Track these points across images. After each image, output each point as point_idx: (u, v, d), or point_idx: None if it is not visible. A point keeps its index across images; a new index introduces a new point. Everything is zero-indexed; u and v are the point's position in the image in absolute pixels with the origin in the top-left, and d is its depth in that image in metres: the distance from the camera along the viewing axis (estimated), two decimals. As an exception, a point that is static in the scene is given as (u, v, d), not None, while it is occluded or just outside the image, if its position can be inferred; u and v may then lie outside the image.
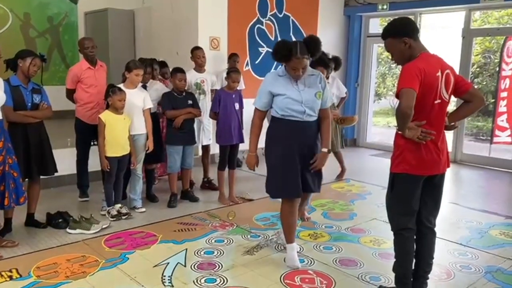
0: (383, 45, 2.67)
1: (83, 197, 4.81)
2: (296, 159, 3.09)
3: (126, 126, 4.20)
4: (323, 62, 4.78)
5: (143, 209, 4.46)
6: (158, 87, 4.84)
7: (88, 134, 4.64)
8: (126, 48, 7.59)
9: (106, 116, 4.09)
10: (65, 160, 4.65)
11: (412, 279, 2.70)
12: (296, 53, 2.94)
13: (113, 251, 3.45)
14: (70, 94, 4.70)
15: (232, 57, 6.22)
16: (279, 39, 7.40)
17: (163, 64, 5.40)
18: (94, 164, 4.75)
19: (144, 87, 4.60)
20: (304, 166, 3.14)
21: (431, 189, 2.64)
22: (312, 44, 3.03)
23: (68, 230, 3.84)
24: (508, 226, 4.30)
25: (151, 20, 7.33)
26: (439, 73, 2.49)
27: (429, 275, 2.75)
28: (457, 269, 3.28)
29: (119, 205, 4.27)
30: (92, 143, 4.72)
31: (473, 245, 3.78)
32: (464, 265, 3.37)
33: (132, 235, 3.80)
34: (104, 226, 3.90)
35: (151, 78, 4.81)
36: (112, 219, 4.12)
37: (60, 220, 3.95)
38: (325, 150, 3.18)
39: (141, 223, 4.10)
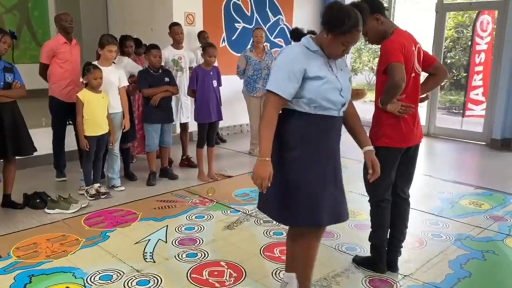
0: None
1: (60, 177, 4.76)
2: (328, 173, 2.22)
3: (105, 104, 4.15)
4: None
5: (122, 188, 4.46)
6: (127, 64, 4.77)
7: (64, 113, 4.57)
8: (99, 25, 7.42)
9: (84, 94, 4.03)
10: (40, 140, 4.54)
11: (386, 248, 2.82)
12: (358, 24, 2.05)
13: (93, 230, 3.46)
14: (44, 69, 4.56)
15: (202, 34, 6.19)
16: (255, 14, 7.39)
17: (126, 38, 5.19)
18: (70, 143, 4.70)
19: (113, 63, 4.52)
20: (335, 182, 2.27)
21: (406, 161, 2.73)
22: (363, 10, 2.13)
23: (46, 210, 3.81)
24: (477, 196, 4.48)
25: (124, -5, 7.16)
26: (414, 48, 2.57)
27: (403, 244, 2.88)
28: (429, 238, 3.43)
29: (98, 184, 4.25)
30: (68, 123, 4.66)
31: (444, 214, 3.94)
32: (435, 233, 3.51)
33: (112, 214, 3.81)
34: (83, 206, 3.89)
35: (121, 54, 4.72)
36: (91, 199, 4.11)
37: (38, 201, 3.92)
38: (371, 148, 2.34)
39: (121, 202, 4.11)
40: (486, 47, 7.48)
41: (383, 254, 2.83)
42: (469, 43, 8.98)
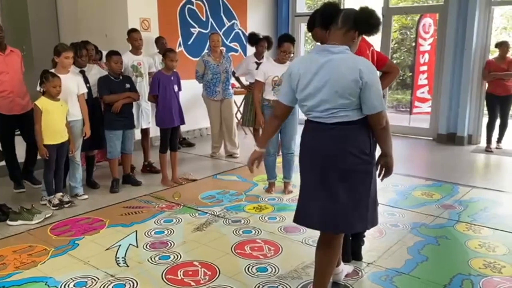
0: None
1: (18, 189, 4.63)
2: None
3: (64, 112, 4.10)
4: (293, 39, 4.39)
5: (86, 196, 4.41)
6: (96, 72, 4.73)
7: (8, 125, 4.42)
8: (49, 33, 7.17)
9: (43, 102, 3.96)
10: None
11: (351, 238, 3.00)
12: None
13: (61, 239, 3.43)
14: None
15: (160, 40, 6.22)
16: (210, 19, 7.49)
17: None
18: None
19: (83, 72, 4.49)
20: None
21: None
22: None
23: (8, 222, 3.72)
24: (428, 187, 4.80)
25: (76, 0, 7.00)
26: (368, 51, 2.77)
27: (365, 234, 3.08)
28: (388, 228, 3.66)
29: (61, 193, 4.19)
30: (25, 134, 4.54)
31: (400, 205, 4.20)
32: (393, 223, 3.75)
33: (78, 222, 3.78)
34: (47, 216, 3.83)
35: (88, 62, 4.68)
36: (54, 208, 4.04)
37: (-2, 213, 3.82)
38: None
39: (86, 210, 4.07)
40: (429, 48, 7.97)
41: (348, 244, 3.01)
42: (413, 44, 9.50)
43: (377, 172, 2.40)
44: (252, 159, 2.50)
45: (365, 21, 2.23)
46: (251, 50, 6.64)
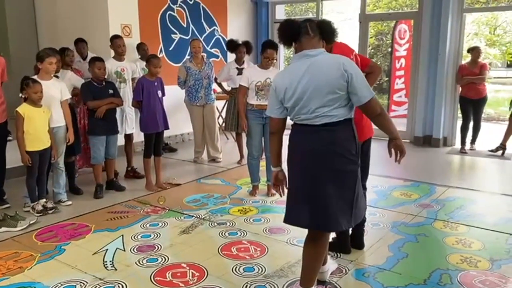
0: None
1: (-1, 196, 4.57)
2: None
3: (46, 118, 4.09)
4: (276, 45, 4.43)
5: (69, 202, 4.40)
6: (70, 77, 4.74)
7: None
8: (28, 39, 7.12)
9: (24, 109, 3.95)
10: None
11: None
12: None
13: (47, 245, 3.42)
14: None
15: (141, 46, 6.25)
16: (191, 26, 7.57)
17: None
18: (8, 161, 4.54)
19: (56, 77, 4.48)
20: None
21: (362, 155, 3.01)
22: None
23: (-8, 229, 3.70)
24: (406, 187, 4.96)
25: (55, 6, 6.97)
26: (352, 56, 2.91)
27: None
28: (369, 227, 3.76)
29: (44, 200, 4.17)
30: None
31: (380, 205, 4.34)
32: (374, 223, 3.87)
33: (63, 228, 3.77)
34: (31, 222, 3.81)
35: (62, 67, 4.66)
36: (38, 214, 4.02)
37: (-20, 221, 3.78)
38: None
39: (70, 216, 4.07)
40: (405, 53, 8.22)
41: (348, 236, 3.19)
42: (389, 49, 9.76)
43: (392, 156, 2.62)
44: (275, 181, 2.60)
45: (327, 31, 2.45)
46: (231, 56, 6.71)
